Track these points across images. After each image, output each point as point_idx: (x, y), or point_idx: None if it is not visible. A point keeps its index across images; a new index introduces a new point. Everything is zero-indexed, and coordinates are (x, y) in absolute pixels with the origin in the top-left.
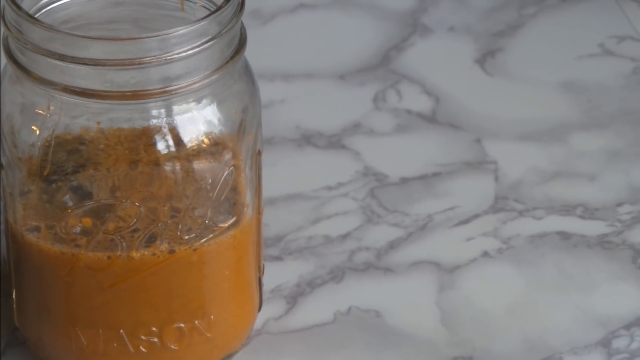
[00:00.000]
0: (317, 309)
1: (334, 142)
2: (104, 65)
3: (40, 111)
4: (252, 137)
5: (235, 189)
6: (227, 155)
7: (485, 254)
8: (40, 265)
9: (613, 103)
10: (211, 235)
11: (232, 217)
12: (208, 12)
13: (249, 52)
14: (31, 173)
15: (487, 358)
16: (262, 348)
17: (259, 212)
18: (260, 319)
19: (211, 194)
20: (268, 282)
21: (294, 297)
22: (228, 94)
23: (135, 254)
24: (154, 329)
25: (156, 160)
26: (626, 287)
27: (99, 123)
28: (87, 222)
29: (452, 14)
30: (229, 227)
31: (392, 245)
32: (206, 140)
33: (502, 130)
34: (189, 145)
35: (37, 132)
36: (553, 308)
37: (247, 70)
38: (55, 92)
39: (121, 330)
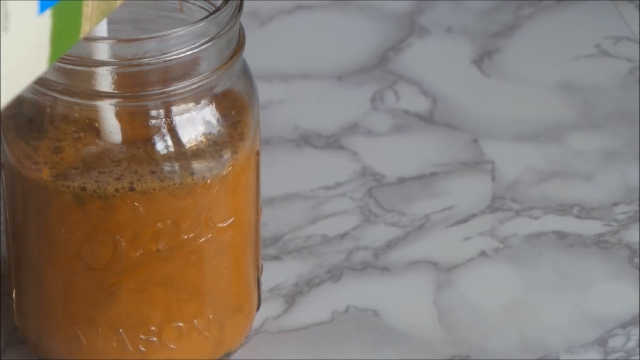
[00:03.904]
0: (315, 308)
1: (332, 142)
2: (103, 66)
3: (40, 112)
4: (250, 137)
5: (233, 189)
6: (226, 156)
7: (483, 254)
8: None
9: (609, 103)
10: (210, 235)
11: (231, 217)
12: (207, 14)
13: (247, 53)
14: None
15: (484, 357)
16: (260, 347)
17: (257, 212)
18: (258, 318)
19: (210, 194)
20: (266, 282)
21: (292, 296)
22: (226, 95)
23: (135, 254)
24: (153, 328)
25: (155, 161)
26: (622, 286)
27: (98, 124)
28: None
29: (449, 15)
30: (227, 227)
31: (390, 245)
32: (205, 141)
33: (499, 130)
34: (187, 145)
35: (37, 132)
36: (550, 307)
37: (246, 71)
38: (54, 93)
39: (120, 330)
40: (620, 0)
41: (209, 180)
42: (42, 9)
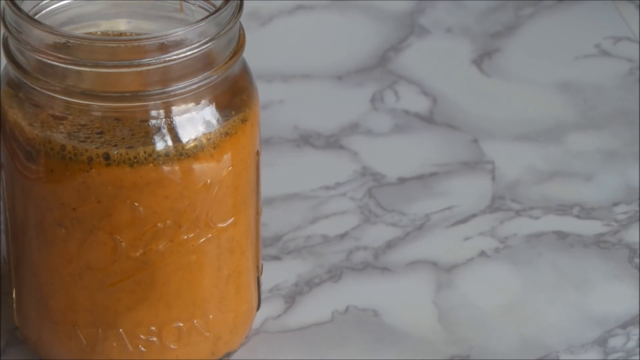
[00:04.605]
0: (315, 308)
1: (332, 142)
2: (103, 66)
3: (39, 112)
4: (250, 137)
5: (233, 189)
6: (226, 156)
7: (483, 254)
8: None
9: (609, 103)
10: (210, 235)
11: (231, 217)
12: (207, 14)
13: (247, 53)
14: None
15: (484, 357)
16: (260, 347)
17: (257, 212)
18: (258, 318)
19: (210, 194)
20: (266, 282)
21: (292, 296)
22: (227, 95)
23: (135, 254)
24: (153, 328)
25: (155, 161)
26: (622, 286)
27: (99, 125)
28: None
29: (449, 15)
30: (227, 227)
31: (390, 245)
32: (205, 141)
33: (499, 130)
34: (188, 145)
35: (37, 132)
36: (550, 307)
37: (246, 71)
38: (54, 94)
39: (120, 330)
40: (620, 0)
41: (209, 181)
42: None
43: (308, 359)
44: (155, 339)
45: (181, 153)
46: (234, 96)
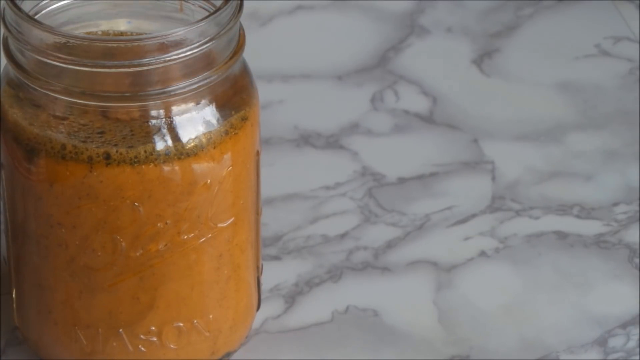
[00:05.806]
0: (315, 308)
1: (332, 142)
2: (103, 66)
3: (39, 112)
4: (250, 137)
5: (233, 189)
6: (226, 156)
7: (483, 254)
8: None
9: (609, 103)
10: (210, 235)
11: (231, 217)
12: (207, 14)
13: (247, 53)
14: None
15: (484, 357)
16: (260, 347)
17: (257, 212)
18: (258, 318)
19: (210, 194)
20: (266, 282)
21: (292, 296)
22: (227, 95)
23: (135, 254)
24: (153, 328)
25: (155, 161)
26: (622, 286)
27: (100, 124)
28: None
29: (449, 15)
30: (227, 227)
31: (390, 245)
32: (205, 141)
33: (499, 130)
34: (188, 145)
35: (37, 132)
36: (550, 307)
37: (246, 71)
38: (54, 94)
39: (120, 330)
40: (620, 0)
41: (208, 180)
42: None
43: (308, 359)
44: (155, 339)
45: (181, 153)
46: (234, 96)
